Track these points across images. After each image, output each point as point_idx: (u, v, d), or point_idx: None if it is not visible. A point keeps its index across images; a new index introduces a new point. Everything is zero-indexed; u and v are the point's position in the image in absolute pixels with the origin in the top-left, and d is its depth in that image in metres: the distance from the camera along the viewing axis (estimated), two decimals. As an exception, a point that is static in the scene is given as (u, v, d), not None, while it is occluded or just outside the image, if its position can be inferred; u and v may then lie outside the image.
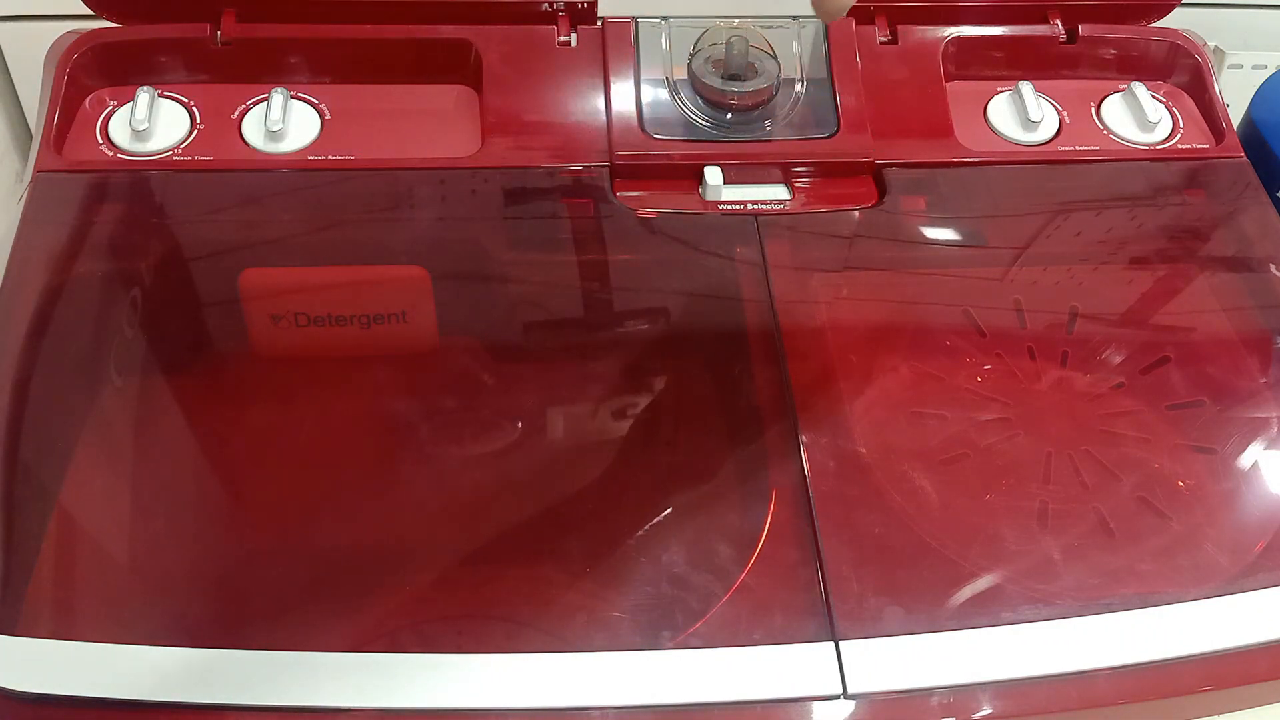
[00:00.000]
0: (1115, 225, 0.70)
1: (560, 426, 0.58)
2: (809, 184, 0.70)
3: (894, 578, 0.52)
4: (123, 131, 0.67)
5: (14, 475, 0.53)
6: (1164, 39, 0.76)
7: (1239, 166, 0.73)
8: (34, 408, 0.55)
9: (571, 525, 0.53)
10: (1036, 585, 0.52)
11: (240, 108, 0.69)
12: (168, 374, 0.58)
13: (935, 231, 0.68)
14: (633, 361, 0.61)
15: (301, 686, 0.47)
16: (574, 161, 0.68)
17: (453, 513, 0.54)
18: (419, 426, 0.57)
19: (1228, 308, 0.66)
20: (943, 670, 0.49)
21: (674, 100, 0.71)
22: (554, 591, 0.51)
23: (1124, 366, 0.62)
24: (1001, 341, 0.63)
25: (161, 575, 0.51)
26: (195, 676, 0.47)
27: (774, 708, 0.48)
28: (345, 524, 0.53)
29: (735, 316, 0.63)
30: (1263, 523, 0.56)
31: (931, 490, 0.55)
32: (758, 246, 0.65)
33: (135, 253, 0.63)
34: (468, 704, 0.47)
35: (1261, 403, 0.61)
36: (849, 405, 0.58)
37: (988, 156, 0.72)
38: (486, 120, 0.69)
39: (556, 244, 0.67)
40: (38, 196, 0.64)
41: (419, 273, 0.64)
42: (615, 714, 0.47)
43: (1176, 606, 0.52)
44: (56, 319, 0.59)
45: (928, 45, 0.74)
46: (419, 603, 0.51)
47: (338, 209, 0.66)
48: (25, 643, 0.47)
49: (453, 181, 0.67)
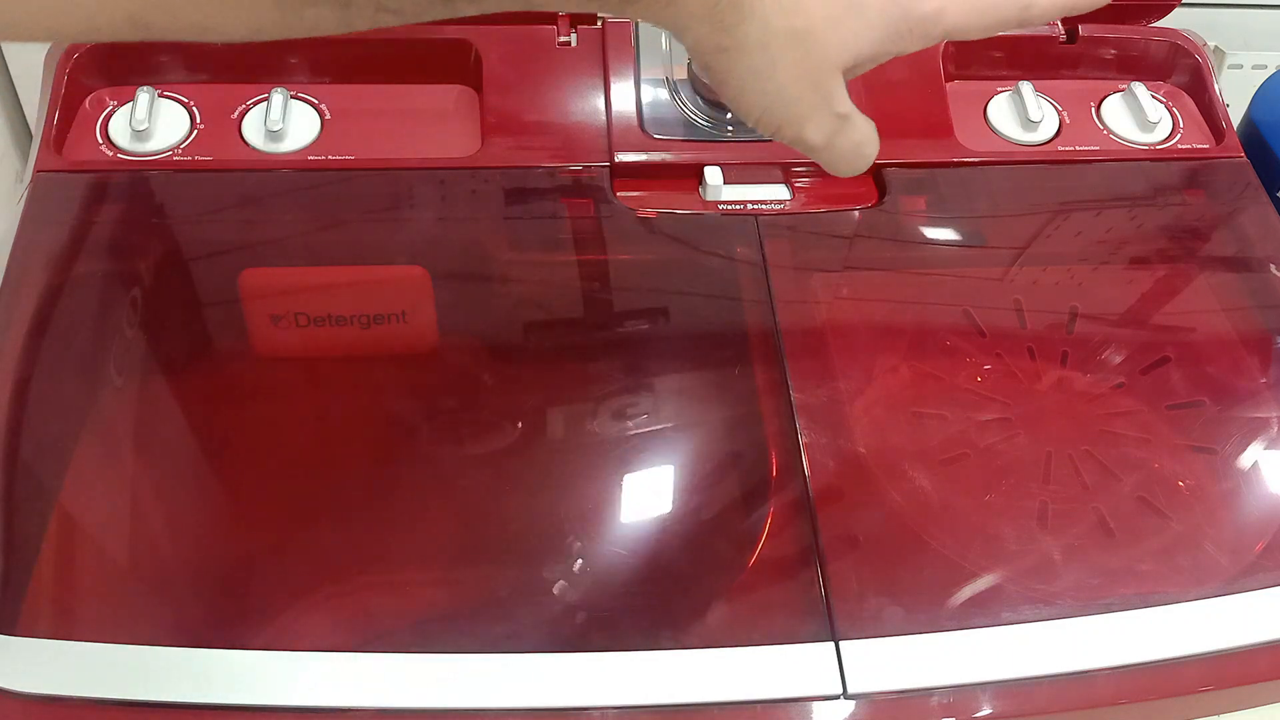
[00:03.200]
0: (1115, 225, 0.70)
1: (560, 426, 0.58)
2: (809, 184, 0.70)
3: (894, 578, 0.52)
4: (123, 131, 0.67)
5: (14, 475, 0.53)
6: (1164, 39, 0.76)
7: (1239, 166, 0.73)
8: (34, 407, 0.55)
9: (571, 525, 0.53)
10: (1036, 585, 0.52)
11: (240, 108, 0.69)
12: (168, 374, 0.58)
13: (935, 231, 0.68)
14: (632, 361, 0.61)
15: (301, 686, 0.47)
16: (574, 161, 0.68)
17: (452, 512, 0.54)
18: (419, 426, 0.57)
19: (1228, 308, 0.66)
20: (943, 670, 0.49)
21: (674, 100, 0.71)
22: (553, 591, 0.51)
23: (1124, 366, 0.62)
24: (1001, 341, 0.63)
25: (161, 575, 0.51)
26: (195, 676, 0.47)
27: (774, 708, 0.48)
28: (345, 524, 0.53)
29: (735, 316, 0.63)
30: (1263, 523, 0.56)
31: (931, 490, 0.55)
32: (758, 246, 0.65)
33: (135, 253, 0.63)
34: (468, 704, 0.47)
35: (1261, 403, 0.61)
36: (849, 405, 0.58)
37: (988, 156, 0.72)
38: (486, 120, 0.69)
39: (556, 244, 0.67)
40: (38, 196, 0.64)
41: (419, 273, 0.64)
42: (615, 714, 0.47)
43: (1176, 606, 0.52)
44: (56, 319, 0.59)
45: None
46: (419, 602, 0.51)
47: (338, 209, 0.66)
48: (25, 643, 0.47)
49: (453, 181, 0.67)
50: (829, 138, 0.43)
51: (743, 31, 0.39)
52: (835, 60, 0.41)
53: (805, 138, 0.42)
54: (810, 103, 0.41)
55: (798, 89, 0.41)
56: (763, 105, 0.41)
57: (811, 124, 0.42)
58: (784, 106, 0.41)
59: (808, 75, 0.41)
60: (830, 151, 0.43)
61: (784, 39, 0.39)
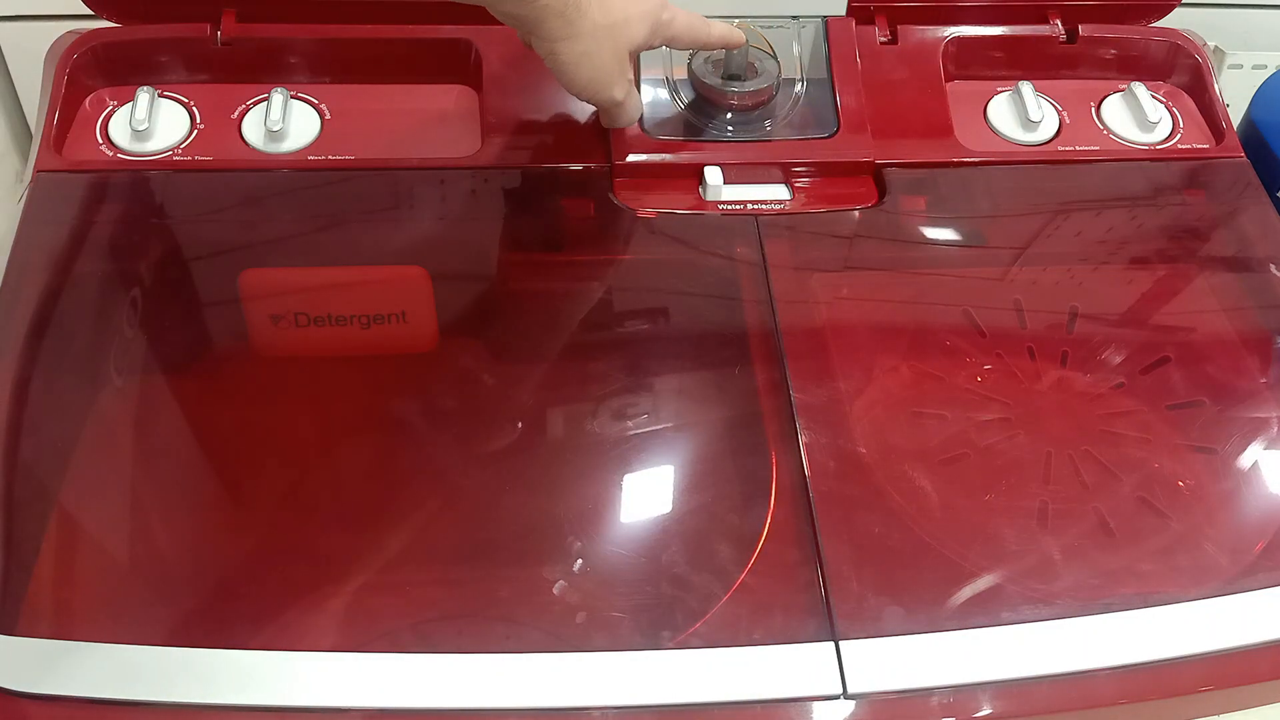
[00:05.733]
0: (1115, 225, 0.70)
1: (560, 426, 0.58)
2: (809, 184, 0.70)
3: (894, 578, 0.52)
4: (123, 131, 0.67)
5: (14, 475, 0.53)
6: (1164, 39, 0.76)
7: (1239, 166, 0.73)
8: (34, 407, 0.55)
9: (571, 525, 0.53)
10: (1036, 585, 0.52)
11: (240, 108, 0.69)
12: (167, 374, 0.58)
13: (935, 231, 0.68)
14: (633, 361, 0.61)
15: (300, 686, 0.47)
16: (574, 161, 0.68)
17: (452, 512, 0.54)
18: (419, 426, 0.57)
19: (1228, 308, 0.66)
20: (943, 670, 0.49)
21: (674, 100, 0.71)
22: (554, 592, 0.51)
23: (1124, 366, 0.62)
24: (1001, 341, 0.63)
25: (161, 575, 0.51)
26: (195, 676, 0.47)
27: (774, 708, 0.48)
28: (344, 524, 0.53)
29: (735, 316, 0.63)
30: (1263, 523, 0.56)
31: (931, 490, 0.55)
32: (758, 246, 0.65)
33: (135, 253, 0.63)
34: (468, 704, 0.47)
35: (1261, 403, 0.61)
36: (849, 405, 0.58)
37: (988, 156, 0.72)
38: (486, 120, 0.69)
39: (556, 244, 0.67)
40: (38, 196, 0.64)
41: (419, 273, 0.64)
42: (615, 714, 0.47)
43: (1176, 606, 0.52)
44: (56, 319, 0.59)
45: (928, 45, 0.74)
46: (419, 602, 0.51)
47: (338, 209, 0.66)
48: (25, 643, 0.47)
49: (453, 181, 0.67)
50: (625, 97, 0.64)
51: (580, 25, 0.58)
52: (629, 45, 0.62)
53: (614, 97, 0.63)
54: (617, 73, 0.62)
55: (611, 64, 0.61)
56: (589, 76, 0.61)
57: (618, 87, 0.63)
58: (604, 76, 0.61)
59: (616, 54, 0.61)
60: (622, 108, 0.65)
61: (604, 30, 0.59)
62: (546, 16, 0.57)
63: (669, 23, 0.63)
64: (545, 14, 0.57)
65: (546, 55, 0.60)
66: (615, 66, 0.61)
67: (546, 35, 0.58)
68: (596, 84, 0.62)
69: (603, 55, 0.60)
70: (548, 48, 0.59)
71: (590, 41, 0.59)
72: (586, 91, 0.62)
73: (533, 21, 0.57)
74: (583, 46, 0.59)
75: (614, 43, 0.60)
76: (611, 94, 0.63)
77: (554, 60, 0.60)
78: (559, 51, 0.59)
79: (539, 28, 0.58)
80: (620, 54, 0.61)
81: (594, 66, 0.60)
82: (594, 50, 0.59)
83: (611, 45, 0.60)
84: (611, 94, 0.63)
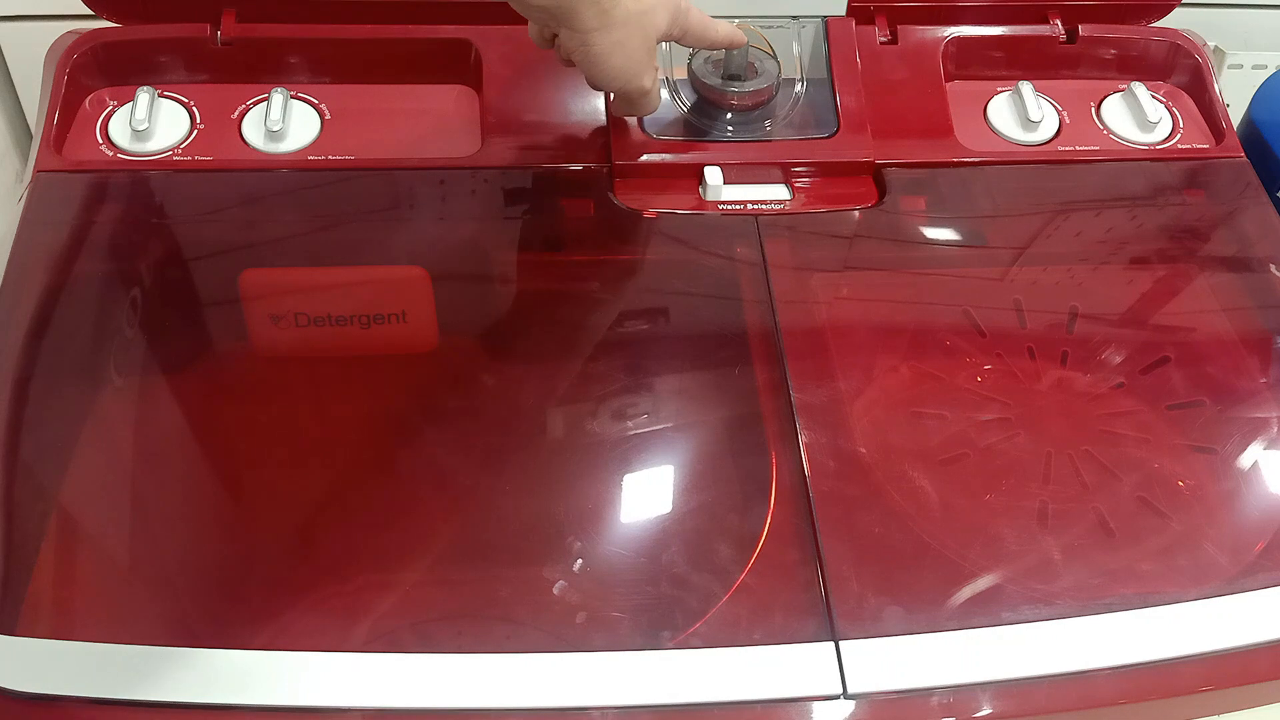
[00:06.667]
0: (1115, 225, 0.70)
1: (560, 426, 0.58)
2: (809, 184, 0.70)
3: (894, 578, 0.52)
4: (123, 131, 0.67)
5: (14, 475, 0.53)
6: (1164, 39, 0.76)
7: (1239, 166, 0.73)
8: (34, 408, 0.55)
9: (571, 525, 0.53)
10: (1036, 585, 0.52)
11: (240, 108, 0.69)
12: (167, 374, 0.58)
13: (935, 231, 0.68)
14: (633, 361, 0.61)
15: (301, 686, 0.47)
16: (574, 161, 0.68)
17: (453, 512, 0.54)
18: (419, 426, 0.57)
19: (1228, 308, 0.66)
20: (943, 670, 0.49)
21: (674, 100, 0.71)
22: (554, 592, 0.51)
23: (1124, 366, 0.62)
24: (1001, 341, 0.63)
25: (161, 575, 0.51)
26: (195, 676, 0.47)
27: (774, 708, 0.48)
28: (344, 524, 0.53)
29: (735, 316, 0.63)
30: (1262, 523, 0.56)
31: (931, 490, 0.55)
32: (758, 246, 0.65)
33: (135, 253, 0.63)
34: (468, 704, 0.47)
35: (1261, 403, 0.61)
36: (849, 405, 0.58)
37: (988, 156, 0.72)
38: (486, 120, 0.69)
39: (556, 244, 0.67)
40: (38, 196, 0.64)
41: (419, 273, 0.64)
42: (615, 714, 0.47)
43: (1176, 606, 0.52)
44: (56, 319, 0.59)
45: (928, 45, 0.74)
46: (419, 603, 0.51)
47: (338, 209, 0.66)
48: (25, 643, 0.47)
49: (453, 181, 0.67)
50: (652, 84, 0.64)
51: (614, 14, 0.58)
52: (656, 34, 0.62)
53: (643, 85, 0.63)
54: (646, 60, 0.62)
55: (641, 51, 0.61)
56: (621, 65, 0.60)
57: (647, 75, 0.63)
58: (634, 65, 0.61)
59: (645, 42, 0.61)
60: (648, 96, 0.65)
61: (635, 18, 0.59)
62: (582, 7, 0.56)
63: (685, 13, 0.63)
64: (580, 4, 0.56)
65: (578, 46, 0.59)
66: (644, 54, 0.61)
67: (580, 26, 0.57)
68: (628, 72, 0.61)
69: (633, 43, 0.60)
70: (580, 39, 0.58)
71: (622, 30, 0.58)
72: (617, 81, 0.62)
73: (566, 12, 0.57)
74: (616, 36, 0.58)
75: (643, 30, 0.60)
76: (641, 82, 0.62)
77: (585, 51, 0.59)
78: (592, 42, 0.58)
79: (573, 19, 0.57)
80: (649, 41, 0.61)
81: (626, 55, 0.60)
82: (625, 39, 0.59)
83: (641, 33, 0.60)
84: (641, 82, 0.62)
